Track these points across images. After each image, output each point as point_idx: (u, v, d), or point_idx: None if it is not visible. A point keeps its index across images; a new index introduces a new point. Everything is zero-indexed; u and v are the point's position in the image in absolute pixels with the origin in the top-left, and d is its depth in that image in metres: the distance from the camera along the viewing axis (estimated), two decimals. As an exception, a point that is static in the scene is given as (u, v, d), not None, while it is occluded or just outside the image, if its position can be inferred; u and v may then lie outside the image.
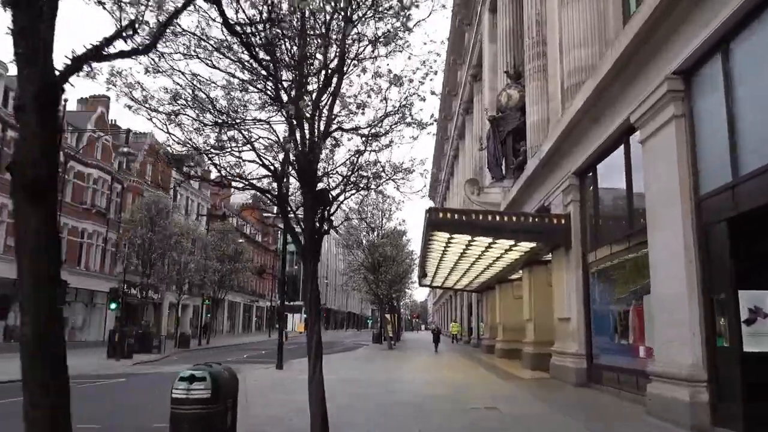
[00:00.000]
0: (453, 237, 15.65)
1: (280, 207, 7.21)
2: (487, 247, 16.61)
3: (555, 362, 15.10)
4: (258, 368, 20.63)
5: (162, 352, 30.71)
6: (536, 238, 14.49)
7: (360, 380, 15.26)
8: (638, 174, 10.60)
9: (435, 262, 21.55)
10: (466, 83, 40.48)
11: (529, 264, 18.69)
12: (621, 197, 11.65)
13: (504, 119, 23.09)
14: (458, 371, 18.65)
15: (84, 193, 36.87)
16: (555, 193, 15.31)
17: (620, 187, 11.62)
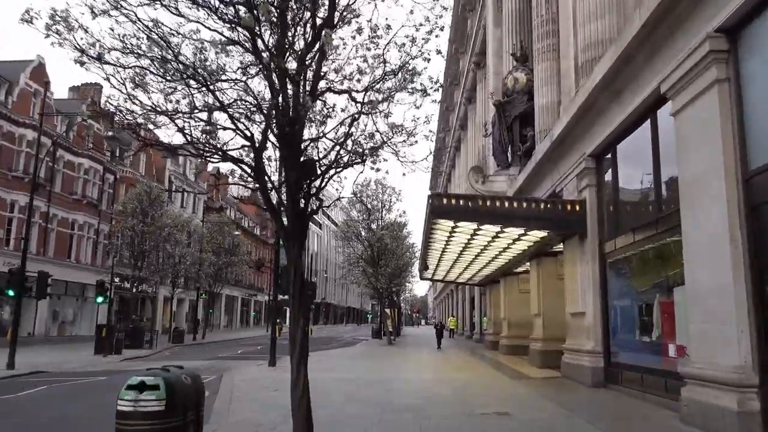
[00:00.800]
0: (457, 225, 14.52)
1: (258, 181, 6.06)
2: (494, 237, 15.48)
3: (567, 360, 13.99)
4: (250, 365, 19.55)
5: (154, 348, 29.68)
6: (548, 227, 13.36)
7: (357, 379, 14.16)
8: (668, 151, 9.47)
9: (437, 254, 20.43)
10: (469, 71, 39.26)
11: (538, 255, 17.57)
12: (646, 179, 10.51)
13: (510, 103, 21.92)
14: (462, 369, 17.56)
15: (74, 183, 35.74)
16: (568, 179, 14.17)
17: (646, 168, 10.47)
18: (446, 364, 19.61)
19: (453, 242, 17.42)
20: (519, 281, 23.57)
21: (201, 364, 21.27)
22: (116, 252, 31.57)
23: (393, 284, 33.53)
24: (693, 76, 8.00)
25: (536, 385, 12.80)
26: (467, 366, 18.79)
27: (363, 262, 32.59)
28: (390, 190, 32.35)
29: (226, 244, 42.91)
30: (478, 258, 20.37)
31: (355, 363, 19.87)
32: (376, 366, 18.75)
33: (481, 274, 25.72)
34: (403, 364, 19.54)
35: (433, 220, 14.04)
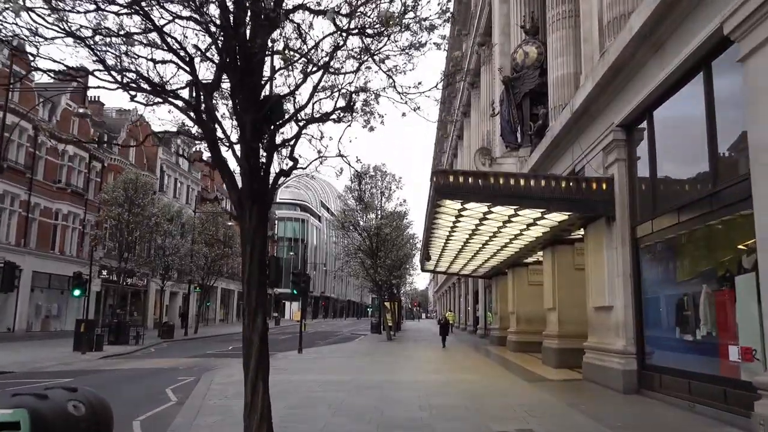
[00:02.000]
0: (465, 208, 12.78)
1: (200, 125, 4.34)
2: (506, 221, 13.74)
3: (591, 361, 12.28)
4: (236, 364, 17.84)
5: (140, 344, 28.00)
6: (571, 208, 11.62)
7: (349, 383, 12.46)
8: (729, 111, 7.73)
9: (441, 242, 18.69)
10: (472, 54, 37.45)
11: (552, 243, 15.84)
12: (696, 147, 8.75)
13: (519, 79, 20.16)
14: (470, 369, 15.87)
15: (58, 170, 33.98)
16: (591, 154, 12.41)
17: (695, 134, 8.72)
18: (451, 363, 17.92)
19: (459, 228, 15.69)
20: (529, 272, 21.88)
21: (185, 362, 19.61)
22: (99, 242, 29.78)
23: (393, 276, 31.81)
24: (775, 6, 6.25)
25: (557, 391, 11.10)
26: (474, 365, 17.10)
27: (361, 254, 30.83)
28: (390, 177, 30.60)
29: (220, 235, 41.14)
30: (485, 247, 18.64)
31: (350, 362, 18.18)
32: (373, 366, 17.06)
33: (487, 266, 24.01)
34: (403, 364, 17.85)
35: (437, 201, 12.30)
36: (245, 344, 4.39)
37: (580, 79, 14.52)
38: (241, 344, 12.15)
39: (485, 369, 15.76)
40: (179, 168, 49.08)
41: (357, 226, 30.70)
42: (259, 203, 4.32)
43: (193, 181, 52.29)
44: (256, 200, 4.31)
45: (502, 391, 11.13)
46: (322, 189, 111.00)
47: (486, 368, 16.02)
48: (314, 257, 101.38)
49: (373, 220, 30.41)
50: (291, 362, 18.07)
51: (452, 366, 17.01)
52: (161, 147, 46.63)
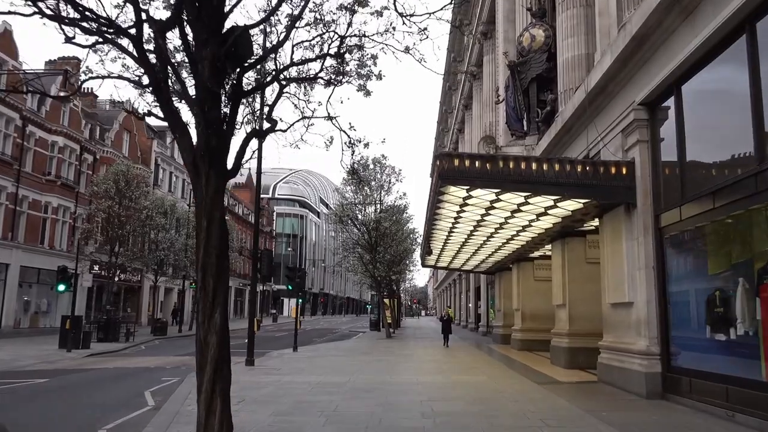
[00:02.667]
0: (470, 196, 11.77)
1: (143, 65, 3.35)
2: (515, 210, 12.73)
3: (607, 362, 11.30)
4: (227, 363, 16.90)
5: (131, 341, 27.03)
6: (588, 195, 10.61)
7: (345, 385, 11.48)
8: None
9: (443, 235, 17.69)
10: (474, 44, 36.42)
11: (562, 236, 14.87)
12: (736, 122, 7.75)
13: (526, 64, 19.13)
14: (474, 370, 14.89)
15: (47, 162, 32.93)
16: (608, 137, 11.41)
17: (734, 108, 7.72)
18: (454, 363, 16.94)
19: (462, 219, 14.69)
20: (535, 267, 20.94)
21: (173, 360, 18.64)
22: (89, 236, 28.80)
23: (392, 272, 30.81)
24: None
25: (572, 394, 10.11)
26: (479, 365, 16.12)
27: (360, 248, 29.82)
28: (389, 169, 29.59)
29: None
30: (490, 240, 17.65)
31: (347, 361, 17.20)
32: (371, 365, 16.08)
33: (491, 260, 23.03)
34: (403, 363, 16.87)
35: (440, 188, 11.29)
36: (199, 348, 3.43)
37: (593, 59, 13.51)
38: (235, 342, 10.94)
39: (491, 369, 14.78)
40: (174, 161, 48.01)
41: (355, 219, 29.70)
42: (217, 166, 3.36)
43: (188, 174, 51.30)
44: (214, 162, 3.35)
45: (512, 395, 10.14)
46: (321, 185, 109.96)
47: (491, 368, 15.04)
48: (313, 254, 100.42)
49: (372, 213, 29.41)
50: (285, 361, 17.10)
51: (455, 366, 16.03)
52: (156, 140, 45.69)
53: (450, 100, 54.41)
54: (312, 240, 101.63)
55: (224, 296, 3.53)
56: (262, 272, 15.95)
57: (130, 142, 41.68)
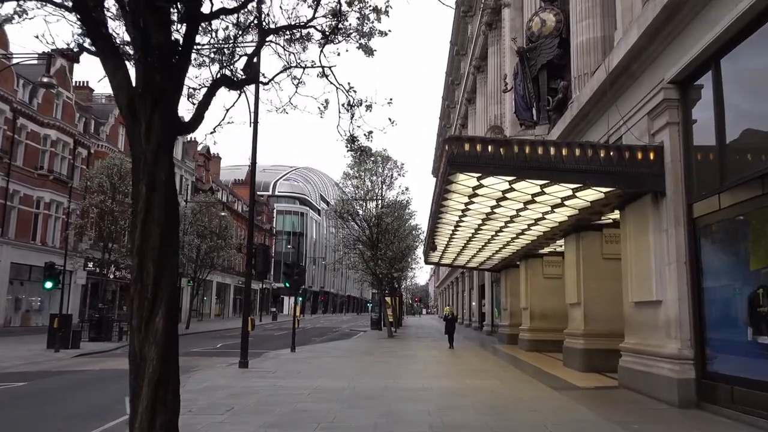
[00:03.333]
0: (481, 185, 10.83)
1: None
2: (529, 201, 11.78)
3: (630, 365, 10.36)
4: (220, 365, 16.00)
5: (123, 340, 26.09)
6: (613, 182, 9.64)
7: (343, 390, 10.55)
8: None
9: (449, 229, 16.74)
10: (479, 36, 35.45)
11: (577, 230, 13.92)
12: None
13: (535, 50, 18.19)
14: (483, 373, 13.95)
15: (39, 156, 32.02)
16: (632, 120, 10.45)
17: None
18: (461, 365, 16.01)
19: (470, 212, 13.74)
20: (544, 264, 19.99)
21: (164, 362, 17.74)
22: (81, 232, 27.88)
23: (394, 270, 29.86)
24: None
25: (595, 402, 9.17)
26: (487, 367, 15.19)
27: (360, 245, 28.86)
28: (391, 163, 28.60)
29: (213, 226, 39.23)
30: (499, 234, 16.69)
31: (347, 363, 16.27)
32: (373, 367, 15.15)
33: (497, 257, 22.07)
34: (407, 365, 15.93)
35: (448, 176, 10.34)
36: (132, 364, 2.49)
37: (610, 41, 12.58)
38: (232, 342, 9.80)
39: (501, 372, 13.84)
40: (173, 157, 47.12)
41: (356, 215, 28.75)
42: (164, 111, 2.44)
43: (186, 170, 50.31)
44: (159, 105, 2.43)
45: (529, 403, 9.20)
46: (322, 182, 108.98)
47: (501, 371, 14.10)
48: (313, 251, 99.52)
49: (373, 209, 28.46)
50: (281, 363, 16.17)
51: (463, 368, 15.10)
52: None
53: (453, 95, 53.40)
54: (312, 238, 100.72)
55: (170, 291, 2.61)
56: (257, 268, 15.03)
57: (126, 136, 40.71)
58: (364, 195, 28.40)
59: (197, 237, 37.25)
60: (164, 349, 2.59)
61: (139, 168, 2.58)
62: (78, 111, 35.83)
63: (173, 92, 2.62)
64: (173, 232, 2.62)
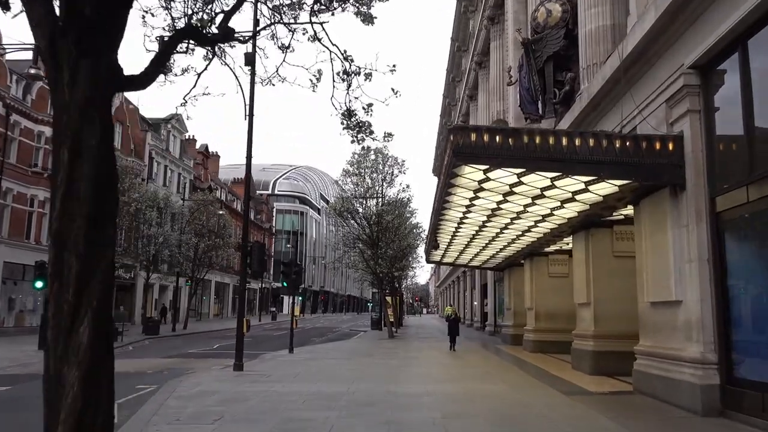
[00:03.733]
0: (487, 178, 10.23)
1: None
2: (537, 196, 11.19)
3: (646, 369, 9.77)
4: (215, 366, 15.44)
5: (118, 341, 25.52)
6: (629, 174, 9.05)
7: (342, 396, 9.96)
8: None
9: (452, 227, 16.15)
10: (481, 30, 34.89)
11: (586, 227, 13.33)
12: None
13: (542, 42, 17.57)
14: (489, 376, 13.35)
15: (33, 154, 31.43)
16: (648, 109, 9.85)
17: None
18: (465, 367, 15.43)
19: (475, 209, 13.15)
20: (549, 263, 19.41)
21: (158, 363, 17.18)
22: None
23: (395, 269, 29.25)
24: None
25: (612, 410, 8.57)
26: (493, 370, 14.59)
27: (360, 243, 28.24)
28: (392, 160, 27.97)
29: (211, 224, 38.62)
30: (504, 232, 16.10)
31: (347, 365, 15.67)
32: (374, 370, 14.57)
33: (501, 255, 21.48)
34: (409, 368, 15.34)
35: (453, 169, 9.75)
36: (47, 387, 1.86)
37: (620, 30, 11.99)
38: (229, 342, 9.20)
39: (507, 376, 13.24)
40: (169, 155, 46.53)
41: (356, 214, 28.13)
42: (94, 54, 1.85)
43: (184, 168, 49.72)
44: (87, 46, 1.84)
45: (542, 410, 8.61)
46: (322, 181, 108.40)
47: (508, 374, 13.50)
48: (313, 251, 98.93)
49: (373, 207, 27.84)
50: (278, 365, 15.59)
51: (468, 371, 14.51)
52: (150, 132, 44.15)
53: (454, 92, 52.80)
54: (312, 237, 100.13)
55: (101, 294, 2.02)
56: (253, 267, 14.43)
57: (122, 134, 40.09)
58: (364, 192, 27.77)
59: (195, 236, 36.65)
60: (89, 370, 1.99)
61: (61, 128, 2.01)
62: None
63: (109, 31, 2.04)
64: (108, 216, 2.05)
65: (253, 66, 14.66)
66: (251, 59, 14.77)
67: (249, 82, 14.38)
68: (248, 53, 14.72)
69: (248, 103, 14.44)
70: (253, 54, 15.12)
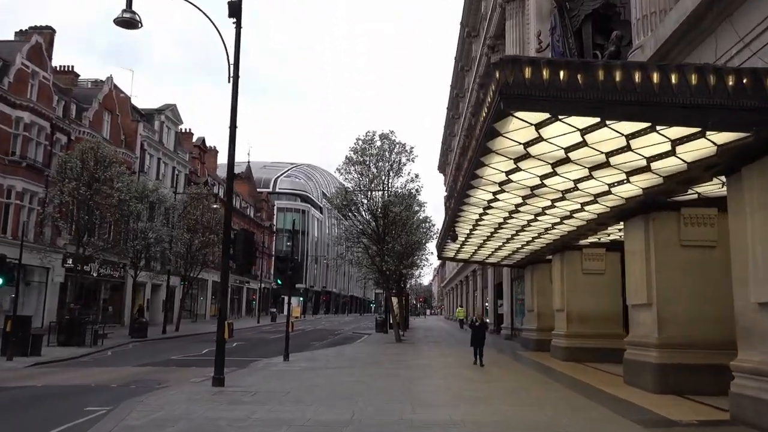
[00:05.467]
0: (539, 138, 7.70)
1: None
2: (600, 164, 8.62)
3: (754, 393, 7.23)
4: (194, 378, 12.99)
5: (99, 345, 23.11)
6: (746, 123, 6.53)
7: (344, 430, 7.42)
8: None
9: (475, 213, 13.56)
10: (495, 9, 32.42)
11: (647, 209, 10.80)
12: None
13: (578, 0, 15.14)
14: (527, 396, 10.83)
15: (11, 141, 28.96)
16: (756, 43, 7.31)
17: None
18: (490, 382, 12.89)
19: (511, 187, 10.59)
20: (584, 258, 16.90)
21: (129, 373, 14.76)
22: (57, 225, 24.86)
23: (402, 266, 26.71)
24: None
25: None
26: (526, 385, 12.07)
27: (365, 238, 25.69)
28: (399, 146, 25.44)
29: (205, 220, 36.12)
30: (539, 219, 13.54)
31: (350, 377, 13.15)
32: (383, 384, 12.06)
33: (527, 249, 18.92)
34: (425, 381, 12.80)
35: (496, 121, 7.22)
36: None
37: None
38: None
39: (548, 394, 10.71)
40: (163, 147, 44.05)
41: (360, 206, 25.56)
42: None
43: (179, 162, 47.22)
44: None
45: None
46: (324, 179, 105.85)
47: (547, 392, 10.96)
48: (315, 250, 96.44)
49: (379, 198, 25.28)
50: (268, 377, 13.08)
51: (494, 386, 11.97)
52: (142, 123, 41.73)
53: (462, 82, 50.23)
54: (314, 236, 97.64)
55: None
56: (238, 259, 11.93)
57: (111, 123, 37.68)
58: (369, 183, 25.22)
59: (188, 231, 34.16)
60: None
61: None
62: (57, 93, 32.78)
63: None
64: None
65: (239, 16, 12.26)
66: (237, 8, 12.41)
67: (234, 35, 11.92)
68: (233, 1, 12.35)
69: (233, 61, 11.98)
70: (239, 2, 12.75)
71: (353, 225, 26.37)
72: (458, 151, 49.20)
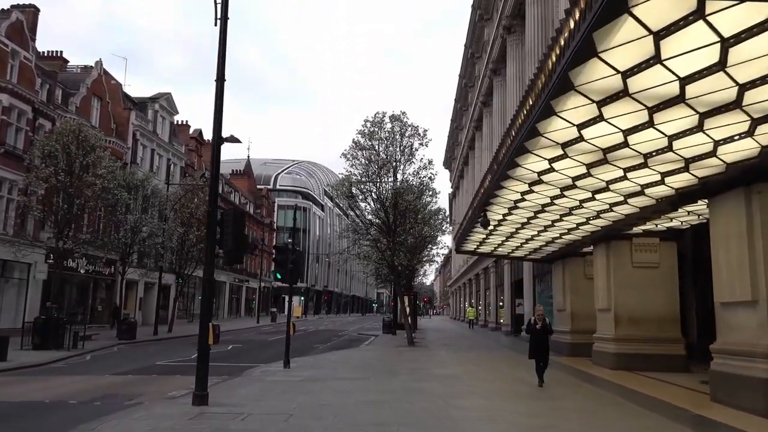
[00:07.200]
0: (633, 71, 5.33)
1: None
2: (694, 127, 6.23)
3: None
4: (173, 391, 10.62)
5: (79, 348, 20.74)
6: None
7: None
8: None
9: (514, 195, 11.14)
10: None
11: (748, 182, 8.41)
12: None
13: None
14: (601, 423, 8.42)
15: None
16: None
17: None
18: (541, 399, 10.49)
19: (563, 165, 8.19)
20: (634, 249, 14.51)
21: (99, 384, 12.36)
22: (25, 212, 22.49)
23: (415, 260, 24.26)
24: None
25: None
26: (587, 406, 9.68)
27: (374, 230, 23.21)
28: (411, 129, 23.03)
29: (200, 213, 33.72)
30: (586, 204, 11.13)
31: (363, 394, 10.74)
32: (407, 402, 9.68)
33: (564, 239, 16.49)
34: (460, 400, 10.37)
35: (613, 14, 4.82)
36: None
37: None
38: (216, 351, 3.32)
39: (625, 419, 8.30)
40: (157, 137, 41.63)
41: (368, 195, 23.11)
42: None
43: (174, 154, 44.79)
44: None
45: None
46: (326, 177, 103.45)
47: (629, 419, 8.55)
48: (317, 249, 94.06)
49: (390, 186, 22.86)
50: (264, 391, 10.67)
51: (557, 406, 9.55)
52: (135, 111, 39.35)
53: (472, 70, 47.73)
54: (316, 234, 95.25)
55: None
56: (227, 245, 9.53)
57: (101, 111, 35.32)
58: (378, 169, 22.80)
59: (181, 225, 31.75)
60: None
61: None
62: (41, 76, 30.42)
63: None
64: None
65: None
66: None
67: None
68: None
69: (220, 0, 9.60)
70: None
71: (361, 215, 23.91)
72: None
